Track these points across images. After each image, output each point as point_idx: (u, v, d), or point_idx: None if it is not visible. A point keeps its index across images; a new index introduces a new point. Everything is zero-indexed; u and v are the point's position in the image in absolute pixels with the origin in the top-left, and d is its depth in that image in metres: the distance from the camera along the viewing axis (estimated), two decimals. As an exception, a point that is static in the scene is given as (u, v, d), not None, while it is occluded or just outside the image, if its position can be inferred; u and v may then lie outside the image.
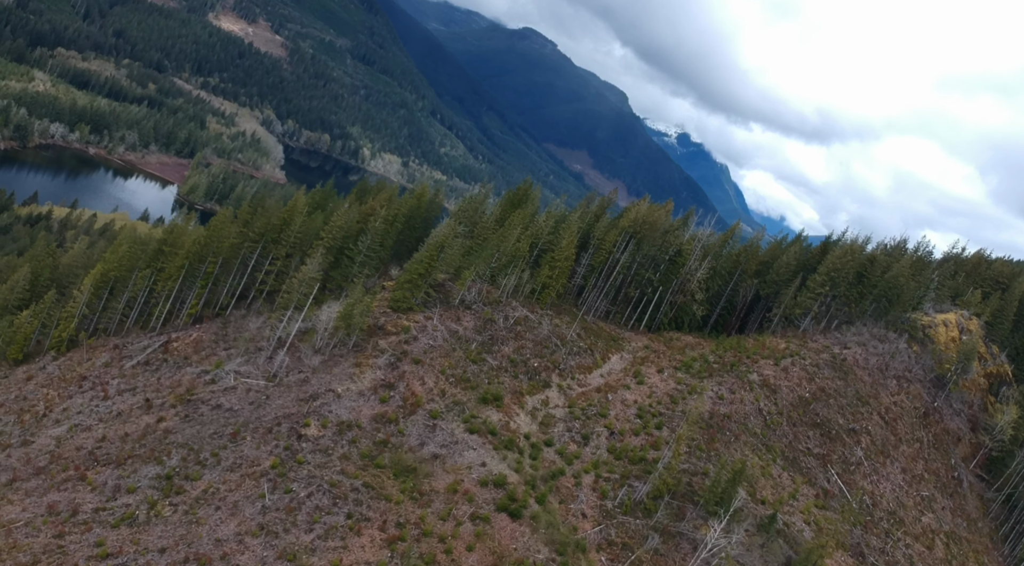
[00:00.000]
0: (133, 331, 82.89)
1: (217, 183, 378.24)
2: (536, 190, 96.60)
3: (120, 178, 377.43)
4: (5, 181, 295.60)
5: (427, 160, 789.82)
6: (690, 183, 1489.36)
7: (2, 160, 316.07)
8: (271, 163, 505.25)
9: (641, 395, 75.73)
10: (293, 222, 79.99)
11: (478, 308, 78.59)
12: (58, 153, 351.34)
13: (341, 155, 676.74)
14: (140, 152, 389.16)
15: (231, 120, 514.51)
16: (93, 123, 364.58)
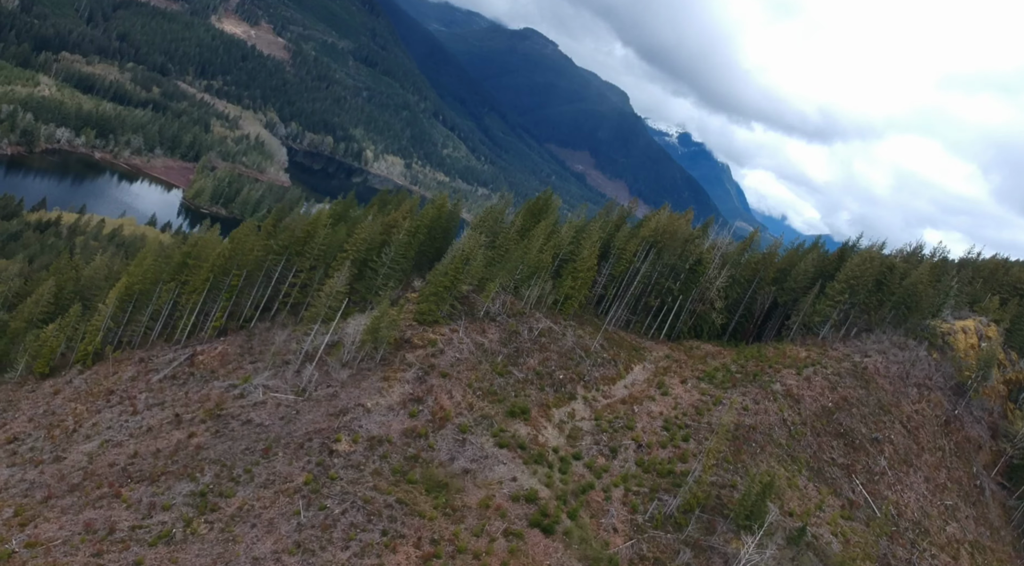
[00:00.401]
0: (158, 344, 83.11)
1: (223, 187, 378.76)
2: (556, 199, 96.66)
3: (125, 182, 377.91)
4: (13, 187, 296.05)
5: (430, 161, 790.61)
6: (692, 183, 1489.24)
7: (9, 165, 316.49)
8: (275, 166, 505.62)
9: (666, 406, 75.88)
10: (317, 235, 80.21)
11: (503, 320, 78.78)
12: (64, 158, 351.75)
13: (344, 157, 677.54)
14: (145, 156, 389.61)
15: (235, 123, 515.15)
16: (99, 127, 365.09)
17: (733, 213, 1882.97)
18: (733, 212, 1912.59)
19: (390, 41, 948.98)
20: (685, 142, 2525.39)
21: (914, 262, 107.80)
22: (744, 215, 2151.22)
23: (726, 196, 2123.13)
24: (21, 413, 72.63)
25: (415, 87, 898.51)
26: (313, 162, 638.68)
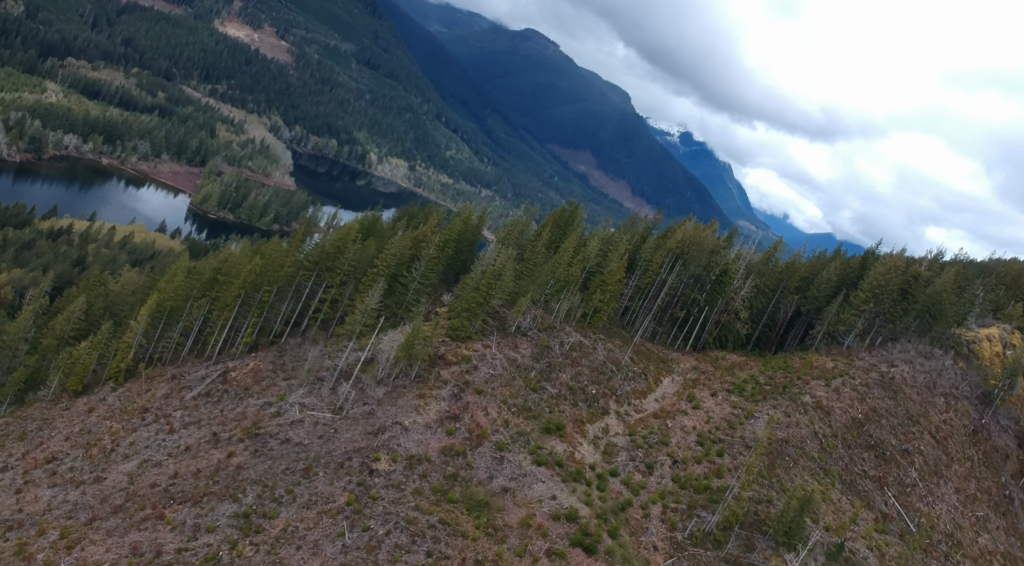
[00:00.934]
0: (189, 360, 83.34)
1: (230, 192, 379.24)
2: (582, 211, 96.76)
3: (132, 188, 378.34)
4: (23, 194, 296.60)
5: (433, 164, 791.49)
6: (694, 182, 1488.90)
7: (18, 172, 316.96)
8: (280, 170, 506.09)
9: (699, 421, 76.01)
10: (346, 250, 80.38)
11: (534, 335, 78.94)
12: (72, 164, 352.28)
13: (348, 160, 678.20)
14: (152, 161, 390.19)
15: (240, 127, 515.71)
16: (106, 133, 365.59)
17: (735, 212, 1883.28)
18: (735, 211, 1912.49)
19: (392, 43, 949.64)
20: (687, 141, 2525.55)
21: (936, 269, 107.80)
22: (746, 214, 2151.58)
23: (728, 195, 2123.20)
24: (57, 431, 72.82)
25: (418, 89, 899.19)
26: (317, 165, 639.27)
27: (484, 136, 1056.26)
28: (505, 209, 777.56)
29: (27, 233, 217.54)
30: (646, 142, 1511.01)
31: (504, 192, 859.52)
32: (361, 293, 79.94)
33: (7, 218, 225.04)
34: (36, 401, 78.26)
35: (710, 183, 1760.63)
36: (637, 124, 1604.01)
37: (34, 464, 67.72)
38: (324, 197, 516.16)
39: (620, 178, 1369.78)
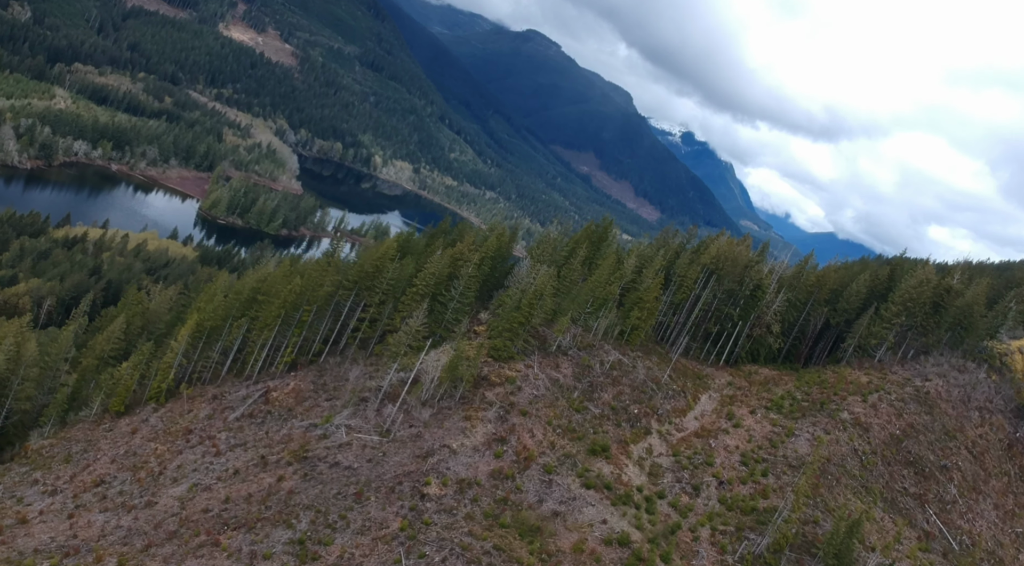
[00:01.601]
0: (228, 379, 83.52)
1: (239, 197, 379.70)
2: (615, 228, 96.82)
3: (141, 193, 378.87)
4: (35, 201, 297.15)
5: (438, 166, 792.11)
6: (697, 183, 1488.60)
7: (28, 179, 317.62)
8: (287, 174, 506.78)
9: (740, 440, 76.13)
10: (386, 270, 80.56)
11: (574, 354, 79.10)
12: (81, 170, 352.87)
13: (353, 163, 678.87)
14: (161, 167, 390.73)
15: (247, 132, 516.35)
16: (115, 139, 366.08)
17: (737, 212, 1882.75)
18: (737, 211, 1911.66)
19: (395, 45, 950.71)
20: (688, 141, 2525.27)
21: (965, 280, 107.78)
22: (748, 214, 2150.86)
23: (730, 195, 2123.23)
24: (102, 453, 73.00)
25: (421, 91, 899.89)
26: (322, 168, 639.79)
27: (487, 137, 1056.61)
28: (510, 211, 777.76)
29: (43, 242, 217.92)
30: (648, 142, 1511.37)
31: (508, 194, 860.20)
32: (400, 312, 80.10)
33: (22, 227, 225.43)
34: (79, 422, 78.46)
35: (712, 183, 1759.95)
36: (639, 125, 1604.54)
37: (83, 487, 67.93)
38: (329, 200, 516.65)
39: (623, 179, 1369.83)
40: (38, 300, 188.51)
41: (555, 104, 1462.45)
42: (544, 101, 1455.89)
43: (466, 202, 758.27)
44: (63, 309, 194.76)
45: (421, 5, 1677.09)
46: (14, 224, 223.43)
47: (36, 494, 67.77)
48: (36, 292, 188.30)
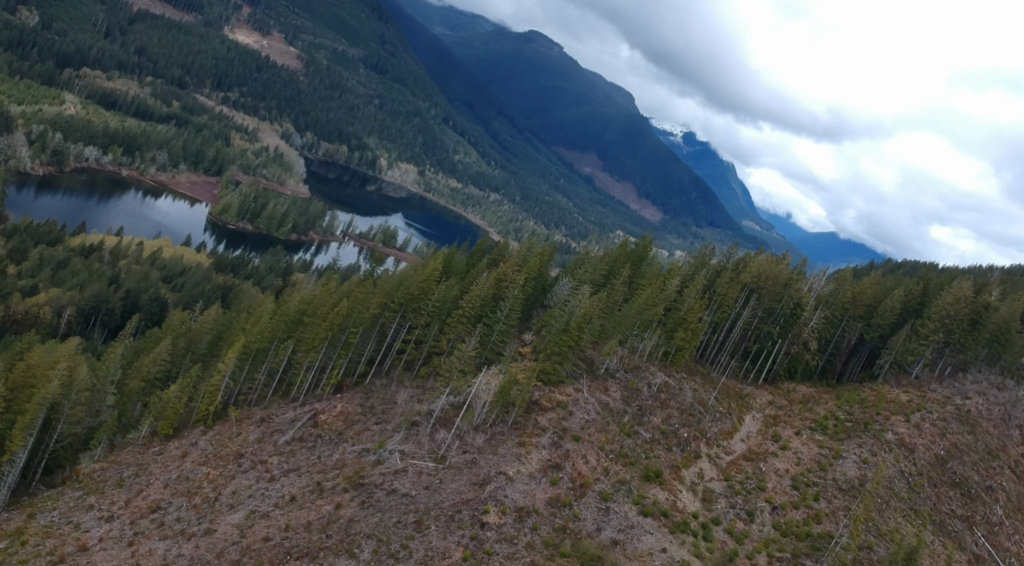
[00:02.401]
0: (274, 401, 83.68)
1: (248, 202, 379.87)
2: (654, 247, 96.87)
3: (150, 198, 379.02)
4: (48, 208, 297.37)
5: (442, 168, 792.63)
6: (699, 184, 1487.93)
7: (40, 185, 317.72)
8: (294, 178, 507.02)
9: (789, 463, 76.29)
10: (431, 291, 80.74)
11: (622, 376, 79.25)
12: (92, 176, 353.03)
13: (359, 166, 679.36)
14: (170, 172, 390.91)
15: (254, 135, 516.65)
16: (125, 145, 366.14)
17: (739, 212, 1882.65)
18: (739, 211, 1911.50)
19: (399, 47, 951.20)
20: (690, 141, 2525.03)
21: (1000, 294, 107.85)
22: (750, 214, 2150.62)
23: (732, 195, 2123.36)
24: (155, 478, 73.15)
25: (425, 93, 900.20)
26: (328, 171, 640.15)
27: (490, 139, 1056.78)
28: (514, 213, 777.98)
29: (60, 251, 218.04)
30: (651, 143, 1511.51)
31: (512, 196, 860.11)
32: (447, 334, 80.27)
33: (39, 235, 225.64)
34: (127, 445, 78.60)
35: (713, 183, 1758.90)
36: (642, 125, 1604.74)
37: (139, 514, 68.07)
38: (335, 203, 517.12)
39: (626, 180, 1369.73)
40: (58, 310, 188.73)
41: (557, 105, 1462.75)
42: (546, 102, 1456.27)
43: (471, 204, 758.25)
44: (83, 319, 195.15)
45: (423, 6, 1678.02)
46: (31, 233, 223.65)
47: (93, 520, 67.93)
48: (56, 302, 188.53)
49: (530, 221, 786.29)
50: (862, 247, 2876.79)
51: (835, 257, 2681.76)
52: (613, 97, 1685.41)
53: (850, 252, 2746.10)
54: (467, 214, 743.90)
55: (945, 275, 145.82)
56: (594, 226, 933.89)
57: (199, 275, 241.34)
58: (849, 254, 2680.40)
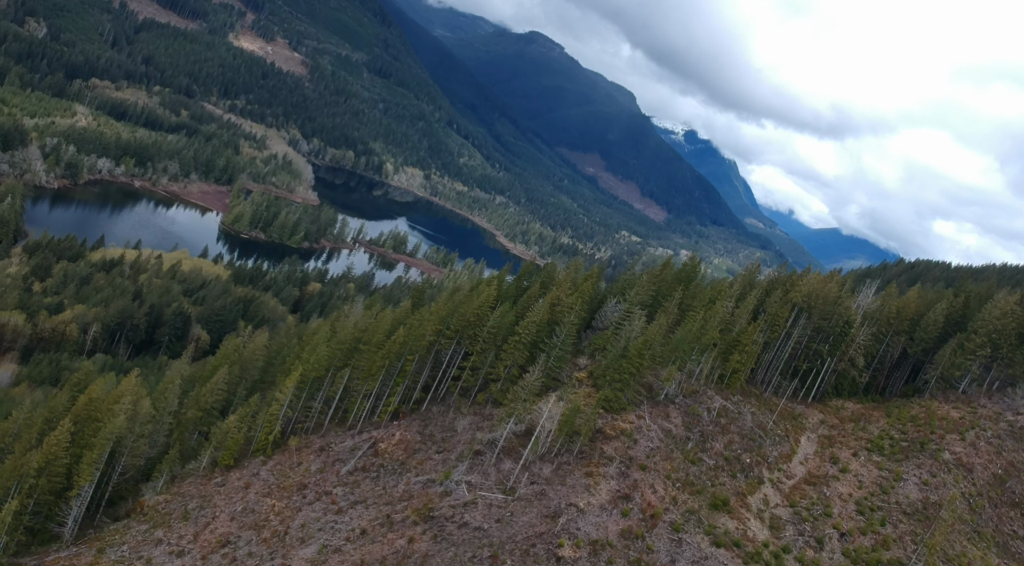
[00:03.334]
0: (331, 429, 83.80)
1: (261, 211, 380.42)
2: (702, 266, 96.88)
3: (163, 208, 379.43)
4: (64, 222, 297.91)
5: (448, 172, 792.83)
6: (703, 182, 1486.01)
7: (55, 198, 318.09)
8: (303, 185, 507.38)
9: (851, 486, 76.30)
10: (486, 318, 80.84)
11: (681, 402, 79.32)
12: (105, 188, 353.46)
13: (365, 171, 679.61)
14: (182, 182, 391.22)
15: (262, 143, 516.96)
16: (137, 156, 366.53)
17: (742, 210, 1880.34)
18: (742, 209, 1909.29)
19: (402, 51, 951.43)
20: (691, 140, 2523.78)
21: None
22: (753, 211, 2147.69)
23: (734, 193, 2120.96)
24: (220, 510, 73.29)
25: (429, 96, 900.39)
26: (335, 177, 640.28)
27: (494, 141, 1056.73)
28: (521, 216, 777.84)
29: (82, 267, 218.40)
30: (654, 143, 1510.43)
31: (517, 198, 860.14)
32: (503, 361, 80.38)
33: (61, 251, 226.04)
34: (188, 475, 78.75)
35: (716, 181, 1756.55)
36: (644, 125, 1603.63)
37: (209, 548, 68.21)
38: (343, 209, 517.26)
39: (629, 179, 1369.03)
40: (84, 327, 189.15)
41: (560, 106, 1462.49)
42: (549, 103, 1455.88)
43: (477, 208, 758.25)
44: (108, 335, 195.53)
45: (423, 8, 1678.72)
46: (53, 248, 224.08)
47: (163, 555, 68.07)
48: (82, 319, 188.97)
49: (536, 223, 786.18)
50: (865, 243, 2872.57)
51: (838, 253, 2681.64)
52: (615, 97, 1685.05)
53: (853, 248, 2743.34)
54: (473, 217, 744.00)
55: (976, 281, 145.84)
56: (600, 227, 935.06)
57: (218, 288, 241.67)
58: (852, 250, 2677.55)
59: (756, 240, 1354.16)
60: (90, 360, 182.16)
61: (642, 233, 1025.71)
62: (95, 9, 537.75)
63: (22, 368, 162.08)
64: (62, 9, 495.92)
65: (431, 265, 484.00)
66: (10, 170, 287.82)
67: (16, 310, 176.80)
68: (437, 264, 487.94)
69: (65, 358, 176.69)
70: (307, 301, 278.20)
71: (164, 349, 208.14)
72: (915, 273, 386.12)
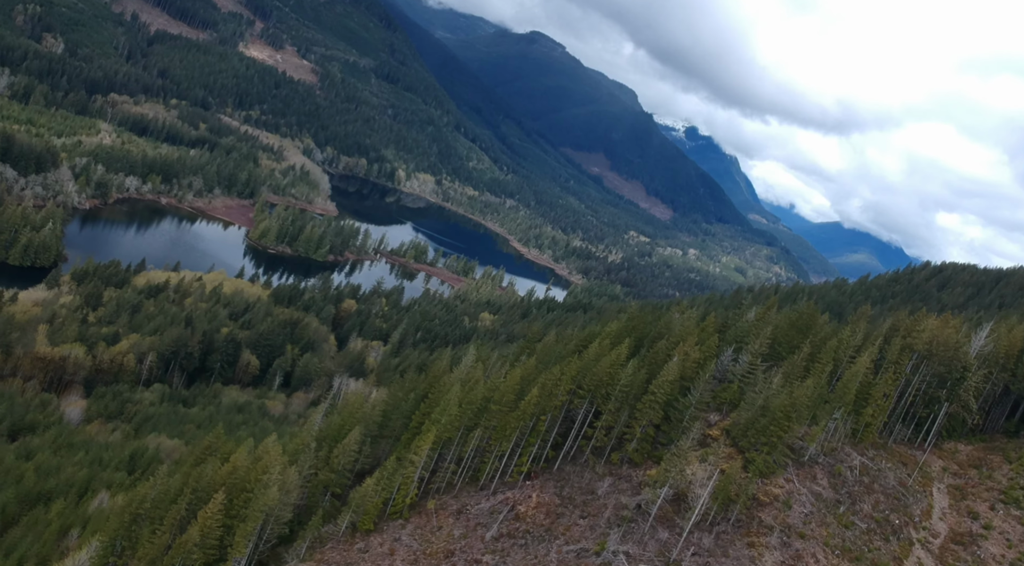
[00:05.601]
0: (464, 489, 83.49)
1: (287, 226, 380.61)
2: (820, 316, 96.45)
3: (187, 223, 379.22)
4: (97, 242, 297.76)
5: (458, 176, 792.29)
6: (707, 179, 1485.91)
7: (85, 219, 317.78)
8: (321, 195, 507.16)
9: (1000, 546, 76.03)
10: (619, 377, 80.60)
11: (824, 461, 79.09)
12: (132, 206, 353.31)
13: (378, 178, 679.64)
14: (207, 197, 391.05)
15: (280, 154, 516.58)
16: (163, 173, 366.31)
17: (745, 206, 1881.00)
18: (745, 204, 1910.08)
19: (408, 56, 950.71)
20: (692, 136, 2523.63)
21: None
22: (755, 207, 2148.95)
23: (736, 188, 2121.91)
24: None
25: (436, 101, 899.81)
26: (348, 185, 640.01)
27: (499, 143, 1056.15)
28: (531, 219, 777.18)
29: (130, 294, 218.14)
30: (658, 141, 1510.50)
31: (527, 201, 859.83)
32: (638, 420, 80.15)
33: (107, 277, 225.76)
34: (327, 541, 78.41)
35: (717, 177, 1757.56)
36: (648, 123, 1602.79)
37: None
38: (357, 216, 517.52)
39: (634, 179, 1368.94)
40: (140, 356, 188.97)
41: (563, 106, 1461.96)
42: (552, 103, 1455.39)
43: (489, 212, 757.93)
44: (163, 364, 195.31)
45: (422, 10, 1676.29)
46: (100, 275, 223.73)
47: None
48: (138, 348, 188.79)
49: (547, 227, 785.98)
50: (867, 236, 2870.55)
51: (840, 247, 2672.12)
52: (617, 95, 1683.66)
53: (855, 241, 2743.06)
54: (486, 222, 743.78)
55: (1007, 284, 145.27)
56: (609, 228, 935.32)
57: (261, 310, 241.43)
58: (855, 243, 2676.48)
59: (762, 237, 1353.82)
60: (149, 390, 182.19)
61: (650, 233, 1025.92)
62: (108, 23, 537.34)
63: (89, 402, 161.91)
64: (77, 23, 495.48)
65: (452, 274, 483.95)
66: (43, 192, 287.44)
67: (76, 342, 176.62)
68: (458, 273, 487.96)
69: (126, 390, 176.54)
70: (345, 320, 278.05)
71: (216, 376, 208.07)
72: (943, 277, 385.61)
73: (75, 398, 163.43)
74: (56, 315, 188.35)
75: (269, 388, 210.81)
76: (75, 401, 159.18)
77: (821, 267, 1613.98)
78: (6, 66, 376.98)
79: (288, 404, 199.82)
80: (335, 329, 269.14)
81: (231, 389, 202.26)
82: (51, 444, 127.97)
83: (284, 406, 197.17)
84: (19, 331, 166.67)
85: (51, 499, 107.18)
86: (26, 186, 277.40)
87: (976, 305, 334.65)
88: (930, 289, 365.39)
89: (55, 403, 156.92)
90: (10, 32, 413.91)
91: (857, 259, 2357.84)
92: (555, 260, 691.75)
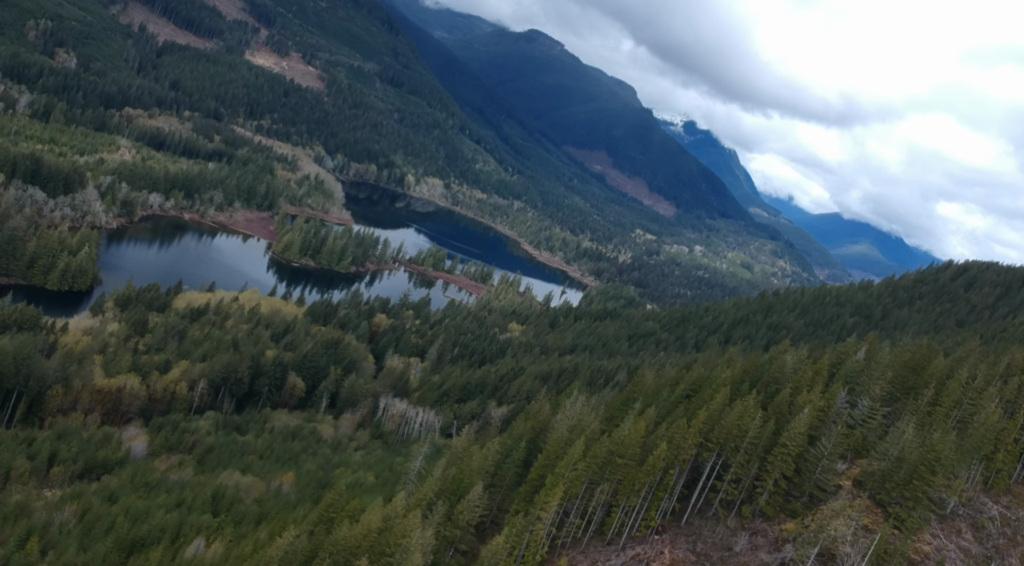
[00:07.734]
0: (590, 545, 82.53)
1: (309, 239, 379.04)
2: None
3: (207, 238, 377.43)
4: (126, 261, 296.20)
5: (466, 180, 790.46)
6: (708, 175, 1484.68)
7: (111, 238, 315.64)
8: (336, 204, 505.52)
9: None
10: (749, 429, 79.66)
11: (964, 513, 78.21)
12: (156, 222, 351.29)
13: (388, 184, 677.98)
14: (227, 211, 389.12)
15: (294, 164, 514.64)
16: (185, 188, 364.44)
17: (745, 199, 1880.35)
18: (745, 198, 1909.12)
19: (412, 59, 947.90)
20: (690, 130, 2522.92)
21: None
22: (755, 200, 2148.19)
23: (736, 182, 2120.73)
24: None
25: (441, 103, 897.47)
26: (358, 191, 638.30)
27: (503, 144, 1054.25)
28: (539, 220, 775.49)
29: (173, 318, 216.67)
30: (659, 137, 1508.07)
31: (534, 202, 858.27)
32: (770, 473, 79.21)
33: (148, 301, 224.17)
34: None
35: (717, 171, 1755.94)
36: (648, 120, 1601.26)
37: None
38: (369, 223, 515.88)
39: (636, 176, 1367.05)
40: (191, 384, 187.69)
41: (564, 104, 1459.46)
42: (553, 101, 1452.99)
43: (498, 215, 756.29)
44: (213, 391, 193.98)
45: (420, 10, 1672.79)
46: (142, 299, 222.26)
47: None
48: (189, 375, 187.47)
49: (556, 228, 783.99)
50: (867, 226, 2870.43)
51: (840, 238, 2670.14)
52: (617, 92, 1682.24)
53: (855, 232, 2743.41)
54: (495, 225, 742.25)
55: None
56: (615, 227, 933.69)
57: (301, 330, 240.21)
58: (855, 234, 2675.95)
59: (764, 231, 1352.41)
60: (203, 418, 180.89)
61: (655, 230, 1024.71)
62: (117, 35, 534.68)
63: (150, 435, 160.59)
64: (87, 37, 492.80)
65: (470, 281, 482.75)
66: (72, 213, 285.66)
67: (131, 373, 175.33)
68: (476, 280, 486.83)
69: (182, 419, 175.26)
70: (379, 336, 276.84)
71: (264, 400, 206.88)
72: (969, 277, 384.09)
73: (135, 431, 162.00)
74: (107, 344, 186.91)
75: (316, 410, 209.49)
76: (137, 434, 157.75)
77: (823, 259, 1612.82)
78: (23, 83, 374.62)
79: (338, 427, 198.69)
80: (371, 345, 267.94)
81: (279, 413, 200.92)
82: (129, 484, 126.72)
83: (335, 429, 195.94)
84: (76, 364, 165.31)
85: (145, 545, 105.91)
86: (56, 208, 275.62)
87: (1006, 306, 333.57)
88: (956, 289, 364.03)
89: (117, 436, 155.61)
90: (25, 49, 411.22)
91: (858, 250, 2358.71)
92: (567, 262, 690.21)
